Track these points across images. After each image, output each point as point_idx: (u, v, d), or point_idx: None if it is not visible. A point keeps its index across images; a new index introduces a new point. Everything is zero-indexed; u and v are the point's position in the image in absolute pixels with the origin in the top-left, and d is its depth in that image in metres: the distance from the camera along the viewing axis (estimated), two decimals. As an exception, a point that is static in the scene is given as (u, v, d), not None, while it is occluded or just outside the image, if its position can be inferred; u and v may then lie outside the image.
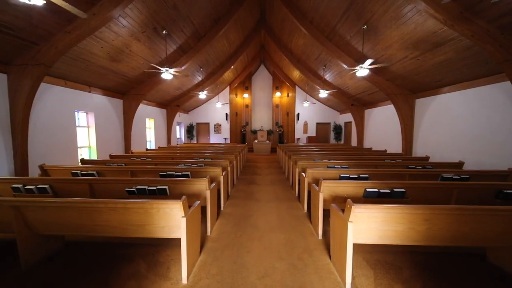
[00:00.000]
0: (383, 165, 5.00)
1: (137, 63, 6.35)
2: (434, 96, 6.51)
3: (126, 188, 3.18)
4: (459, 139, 5.64)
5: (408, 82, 6.78)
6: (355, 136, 11.32)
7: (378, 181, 3.05)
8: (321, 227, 3.05)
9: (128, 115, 7.88)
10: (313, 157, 6.05)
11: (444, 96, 6.18)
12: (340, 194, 3.08)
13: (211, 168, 4.19)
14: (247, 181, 6.44)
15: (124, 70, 6.43)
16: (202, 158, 5.85)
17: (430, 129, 6.68)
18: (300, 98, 14.15)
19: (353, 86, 9.33)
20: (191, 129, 14.17)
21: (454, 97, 5.84)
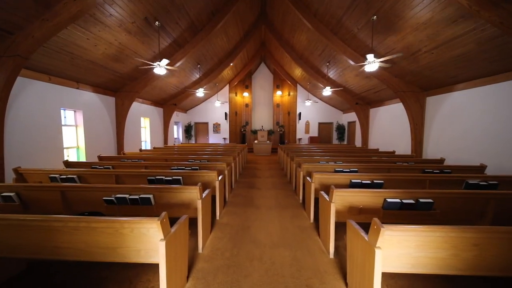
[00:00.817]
0: (396, 168, 4.52)
1: (127, 57, 5.88)
2: (447, 93, 6.03)
3: (104, 197, 2.70)
4: (477, 140, 5.16)
5: (419, 78, 6.30)
6: (359, 136, 10.84)
7: (399, 190, 2.58)
8: (333, 243, 2.58)
9: (121, 113, 7.41)
10: (318, 159, 5.58)
11: (459, 94, 5.70)
12: (355, 205, 2.60)
13: (205, 172, 3.72)
14: (246, 185, 5.97)
15: (114, 65, 5.96)
16: (198, 160, 5.38)
17: (442, 129, 6.20)
18: (302, 97, 13.67)
19: (358, 84, 8.86)
20: (189, 129, 13.71)
21: (470, 94, 5.36)
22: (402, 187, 3.51)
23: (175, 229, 1.89)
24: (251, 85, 15.34)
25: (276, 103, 15.42)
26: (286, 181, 6.51)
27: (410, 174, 3.67)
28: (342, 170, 4.19)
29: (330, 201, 2.60)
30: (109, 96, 7.19)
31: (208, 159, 5.57)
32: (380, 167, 4.57)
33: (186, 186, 2.71)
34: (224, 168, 4.60)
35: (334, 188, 2.54)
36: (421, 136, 6.90)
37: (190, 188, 2.67)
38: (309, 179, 3.75)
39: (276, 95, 15.26)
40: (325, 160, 5.51)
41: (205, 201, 2.83)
